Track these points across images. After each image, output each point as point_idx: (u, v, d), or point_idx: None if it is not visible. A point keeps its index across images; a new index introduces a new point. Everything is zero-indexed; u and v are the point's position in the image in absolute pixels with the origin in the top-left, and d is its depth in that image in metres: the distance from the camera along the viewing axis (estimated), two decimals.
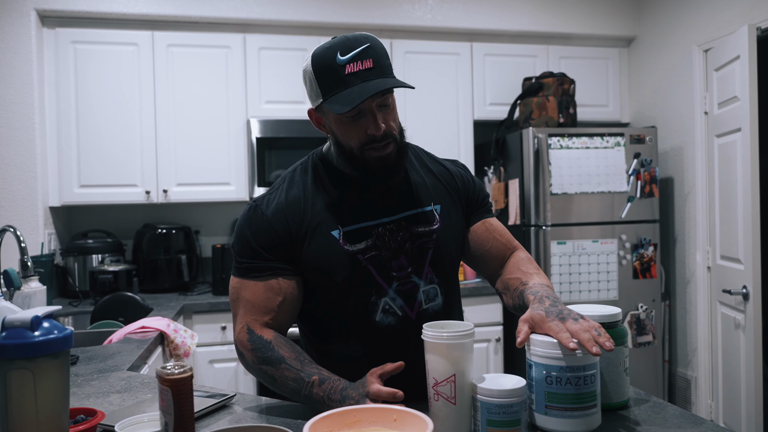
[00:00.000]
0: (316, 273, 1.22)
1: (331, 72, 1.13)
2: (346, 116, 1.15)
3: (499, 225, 1.38)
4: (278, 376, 1.15)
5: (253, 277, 1.21)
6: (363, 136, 1.17)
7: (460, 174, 1.37)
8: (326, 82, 1.14)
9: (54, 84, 3.02)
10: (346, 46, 1.12)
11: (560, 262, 3.11)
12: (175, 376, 0.94)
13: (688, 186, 3.29)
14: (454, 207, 1.33)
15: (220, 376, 2.87)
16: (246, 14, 3.18)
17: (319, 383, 1.11)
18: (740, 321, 2.73)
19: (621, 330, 1.13)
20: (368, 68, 1.12)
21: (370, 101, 1.14)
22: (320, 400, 1.11)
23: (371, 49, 1.14)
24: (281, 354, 1.15)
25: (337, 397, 1.09)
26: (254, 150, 3.15)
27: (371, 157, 1.18)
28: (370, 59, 1.13)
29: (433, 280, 1.27)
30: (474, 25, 3.45)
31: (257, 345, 1.17)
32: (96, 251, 3.09)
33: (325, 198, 1.24)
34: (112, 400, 1.30)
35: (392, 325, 1.23)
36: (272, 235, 1.20)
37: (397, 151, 1.20)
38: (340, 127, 1.19)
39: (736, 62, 2.74)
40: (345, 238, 1.21)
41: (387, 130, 1.17)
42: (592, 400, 0.99)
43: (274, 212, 1.22)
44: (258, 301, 1.20)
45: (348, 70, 1.11)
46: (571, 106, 3.33)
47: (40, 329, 0.88)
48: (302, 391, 1.12)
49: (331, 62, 1.13)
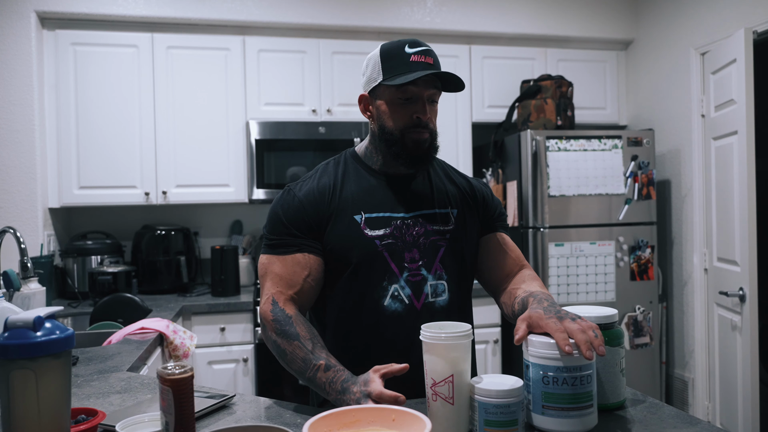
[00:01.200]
0: (336, 253, 1.31)
1: (397, 57, 1.28)
2: (400, 98, 1.28)
3: (511, 242, 1.46)
4: (290, 351, 1.20)
5: (281, 252, 1.30)
6: (408, 119, 1.30)
7: (480, 188, 1.47)
8: (391, 65, 1.28)
9: (54, 86, 3.03)
10: (414, 43, 1.29)
11: (558, 264, 3.13)
12: (176, 376, 0.95)
13: (685, 188, 3.30)
14: (471, 216, 1.41)
15: (219, 378, 2.87)
16: (245, 16, 3.19)
17: (324, 369, 1.16)
18: (737, 323, 2.74)
19: (617, 331, 1.14)
20: (429, 63, 1.28)
21: (424, 90, 1.28)
22: (321, 386, 1.15)
23: (434, 53, 1.31)
24: (297, 331, 1.22)
25: (338, 388, 1.12)
26: (253, 152, 3.15)
27: (410, 140, 1.30)
28: (432, 58, 1.29)
29: (442, 277, 1.34)
30: (472, 28, 3.47)
31: (278, 317, 1.24)
32: (95, 252, 3.10)
33: (352, 187, 1.35)
34: (112, 401, 1.31)
35: (398, 312, 1.30)
36: (301, 214, 1.31)
37: (430, 144, 1.33)
38: (390, 108, 1.31)
39: (732, 65, 2.75)
40: (366, 223, 1.31)
41: (429, 123, 1.31)
42: (589, 400, 1.00)
43: (305, 194, 1.33)
44: (285, 274, 1.29)
45: (413, 59, 1.27)
46: (569, 108, 3.34)
47: (42, 329, 0.89)
48: (307, 372, 1.18)
49: (399, 50, 1.28)
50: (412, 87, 1.27)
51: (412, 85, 1.26)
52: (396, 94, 1.29)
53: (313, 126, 3.22)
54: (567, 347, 0.97)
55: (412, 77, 1.23)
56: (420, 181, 1.39)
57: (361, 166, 1.39)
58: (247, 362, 2.90)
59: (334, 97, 3.32)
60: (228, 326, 2.88)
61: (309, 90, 3.30)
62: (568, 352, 0.96)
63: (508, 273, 1.41)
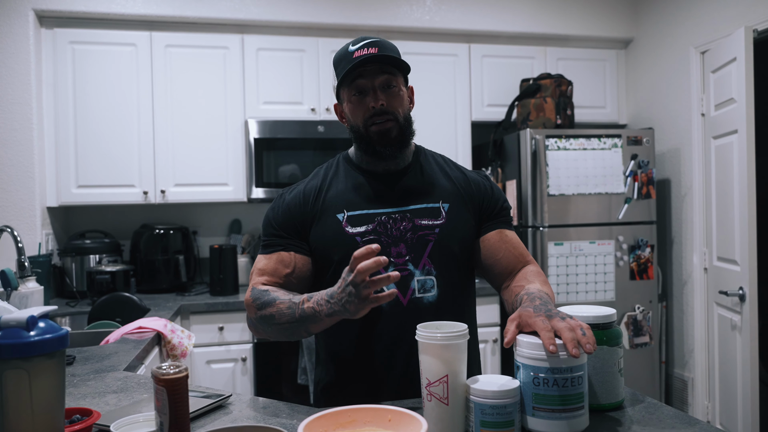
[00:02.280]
0: (319, 252, 1.34)
1: (344, 58, 1.31)
2: (354, 94, 1.31)
3: (515, 237, 1.41)
4: (275, 312, 1.22)
5: (269, 251, 1.35)
6: (366, 111, 1.31)
7: (478, 182, 1.43)
8: (340, 67, 1.31)
9: (52, 84, 3.02)
10: (358, 40, 1.31)
11: (557, 263, 3.12)
12: (171, 376, 0.94)
13: (685, 187, 3.29)
14: (465, 210, 1.38)
15: (217, 377, 2.87)
16: (244, 15, 3.19)
17: (308, 299, 1.19)
18: (736, 322, 2.73)
19: (615, 331, 1.13)
20: (372, 53, 1.27)
21: (373, 79, 1.29)
22: (312, 312, 1.17)
23: (380, 42, 1.30)
24: (276, 294, 1.25)
25: (325, 298, 1.15)
26: (252, 150, 3.15)
27: (373, 132, 1.31)
28: (375, 47, 1.28)
29: (430, 272, 1.32)
30: (472, 27, 3.46)
31: (256, 295, 1.27)
32: (93, 251, 3.10)
33: (339, 187, 1.37)
34: (109, 400, 1.30)
35: (383, 308, 1.30)
36: (287, 215, 1.35)
37: (399, 132, 1.32)
38: (349, 107, 1.33)
39: (732, 64, 2.75)
40: (348, 221, 1.32)
41: (388, 108, 1.30)
42: (579, 402, 0.99)
43: (292, 197, 1.38)
44: (267, 269, 1.33)
45: (356, 55, 1.28)
46: (569, 107, 3.34)
47: (36, 329, 0.88)
48: (296, 312, 1.19)
49: (344, 52, 1.32)
50: (360, 80, 1.29)
51: (360, 78, 1.29)
52: (350, 92, 1.32)
53: (312, 125, 3.21)
54: (551, 347, 0.95)
55: (344, 72, 1.27)
56: (411, 176, 1.39)
57: (351, 166, 1.41)
58: (245, 361, 2.90)
59: (333, 96, 3.30)
60: (226, 325, 2.88)
61: (308, 89, 3.29)
62: (553, 352, 0.95)
63: (511, 270, 1.37)
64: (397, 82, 1.32)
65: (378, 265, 1.04)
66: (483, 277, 1.44)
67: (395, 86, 1.32)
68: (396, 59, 1.29)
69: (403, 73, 1.35)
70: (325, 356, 1.41)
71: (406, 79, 1.38)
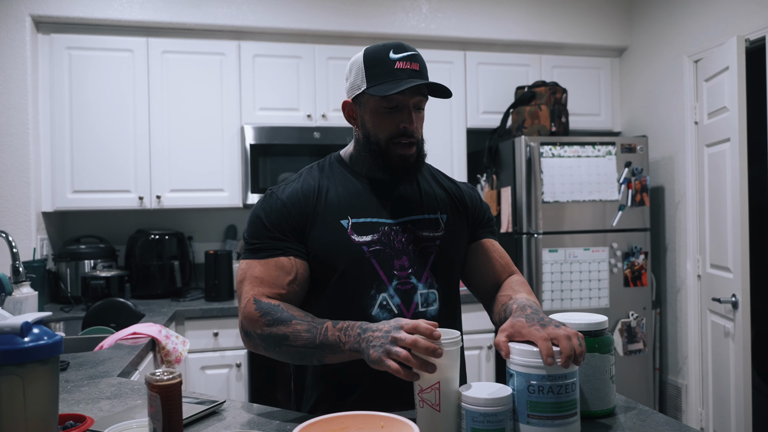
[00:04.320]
0: (321, 259, 1.25)
1: (381, 63, 1.23)
2: (385, 106, 1.24)
3: (500, 248, 1.43)
4: (290, 332, 1.13)
5: (263, 256, 1.23)
6: (394, 128, 1.25)
7: (469, 193, 1.44)
8: (375, 72, 1.23)
9: (48, 90, 3.02)
10: (399, 47, 1.24)
11: (552, 270, 3.13)
12: (164, 382, 0.95)
13: (678, 195, 3.31)
14: (461, 221, 1.38)
15: (212, 383, 2.86)
16: (241, 22, 3.20)
17: (333, 325, 1.10)
18: (729, 329, 2.75)
19: (607, 338, 1.14)
20: (415, 69, 1.23)
21: (410, 98, 1.23)
22: (336, 341, 1.08)
23: (420, 57, 1.25)
24: (292, 313, 1.16)
25: (357, 331, 1.07)
26: (248, 156, 3.16)
27: (395, 153, 1.26)
28: (418, 64, 1.24)
29: (432, 285, 1.29)
30: (468, 34, 3.48)
31: (266, 309, 1.17)
32: (88, 257, 3.09)
33: (338, 190, 1.30)
34: (102, 407, 1.30)
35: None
36: (286, 216, 1.25)
37: (417, 156, 1.28)
38: (374, 117, 1.26)
39: (725, 73, 2.77)
40: (353, 228, 1.26)
41: (414, 131, 1.26)
42: (573, 408, 1.00)
43: (289, 196, 1.28)
44: (267, 278, 1.21)
45: (398, 66, 1.22)
46: (563, 115, 3.36)
47: (30, 335, 0.88)
48: (317, 337, 1.10)
49: (383, 56, 1.23)
50: (397, 96, 1.22)
51: (398, 94, 1.21)
52: (381, 103, 1.24)
53: (308, 131, 3.22)
54: (549, 359, 0.97)
55: (398, 89, 1.18)
56: (408, 185, 1.35)
57: (346, 170, 1.34)
58: (240, 367, 2.89)
59: (329, 102, 3.32)
60: (221, 331, 2.88)
61: (304, 95, 3.30)
62: (550, 364, 0.97)
63: (497, 280, 1.38)
64: (424, 106, 1.29)
65: (428, 352, 0.97)
66: (467, 286, 1.44)
67: (422, 109, 1.28)
68: (443, 88, 1.22)
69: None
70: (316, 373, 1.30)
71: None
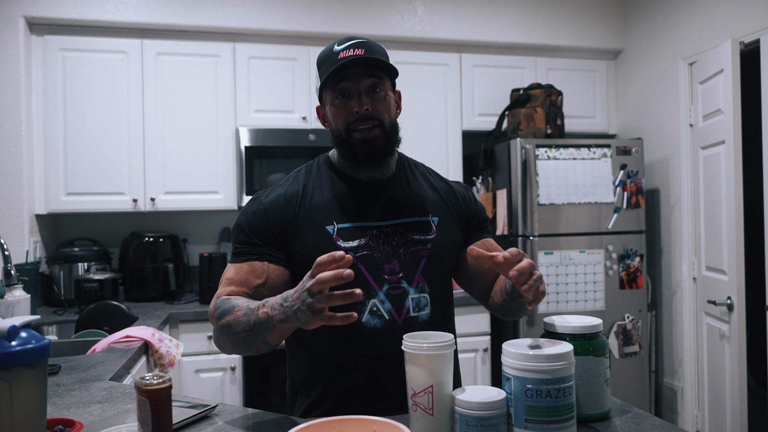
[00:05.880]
0: (307, 266, 1.19)
1: (327, 59, 1.24)
2: (338, 97, 1.24)
3: (496, 245, 1.41)
4: (233, 320, 1.12)
5: (240, 260, 1.25)
6: (349, 116, 1.23)
7: (463, 193, 1.41)
8: (324, 68, 1.24)
9: (42, 91, 3.01)
10: (344, 39, 1.24)
11: (547, 272, 3.13)
12: (154, 386, 0.93)
13: (673, 197, 3.32)
14: (453, 223, 1.35)
15: (205, 386, 2.85)
16: (235, 23, 3.19)
17: (263, 304, 1.08)
18: (725, 331, 2.75)
19: (601, 341, 1.14)
20: (359, 55, 1.20)
21: (359, 82, 1.22)
22: (265, 317, 1.06)
23: (367, 43, 1.24)
24: (236, 302, 1.15)
25: (279, 302, 1.04)
26: (243, 158, 3.14)
27: (355, 139, 1.24)
28: (362, 49, 1.21)
29: (424, 290, 1.27)
30: (463, 37, 3.48)
31: (218, 304, 1.18)
32: (82, 259, 3.07)
33: (324, 195, 1.28)
34: (93, 411, 1.29)
35: (378, 328, 1.23)
36: (265, 222, 1.25)
37: (385, 139, 1.25)
38: (332, 110, 1.26)
39: (719, 76, 2.78)
40: (339, 234, 1.24)
41: (373, 113, 1.23)
42: (570, 412, 0.99)
43: (271, 202, 1.27)
44: (237, 279, 1.23)
45: (341, 55, 1.21)
46: (559, 117, 3.36)
47: (18, 339, 0.87)
48: (251, 319, 1.08)
49: (329, 51, 1.24)
50: (344, 83, 1.21)
51: (344, 81, 1.21)
52: (333, 95, 1.24)
53: (303, 133, 3.22)
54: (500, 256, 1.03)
55: (327, 73, 1.20)
56: (398, 187, 1.32)
57: (334, 172, 1.32)
58: (234, 371, 2.88)
59: None
60: None
61: (299, 97, 3.29)
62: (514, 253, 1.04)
63: (495, 277, 1.35)
64: (384, 86, 1.25)
65: (339, 279, 0.94)
66: (464, 287, 1.42)
67: (381, 90, 1.24)
68: (383, 62, 1.21)
69: (390, 77, 1.27)
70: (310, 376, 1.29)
71: (394, 84, 1.30)
